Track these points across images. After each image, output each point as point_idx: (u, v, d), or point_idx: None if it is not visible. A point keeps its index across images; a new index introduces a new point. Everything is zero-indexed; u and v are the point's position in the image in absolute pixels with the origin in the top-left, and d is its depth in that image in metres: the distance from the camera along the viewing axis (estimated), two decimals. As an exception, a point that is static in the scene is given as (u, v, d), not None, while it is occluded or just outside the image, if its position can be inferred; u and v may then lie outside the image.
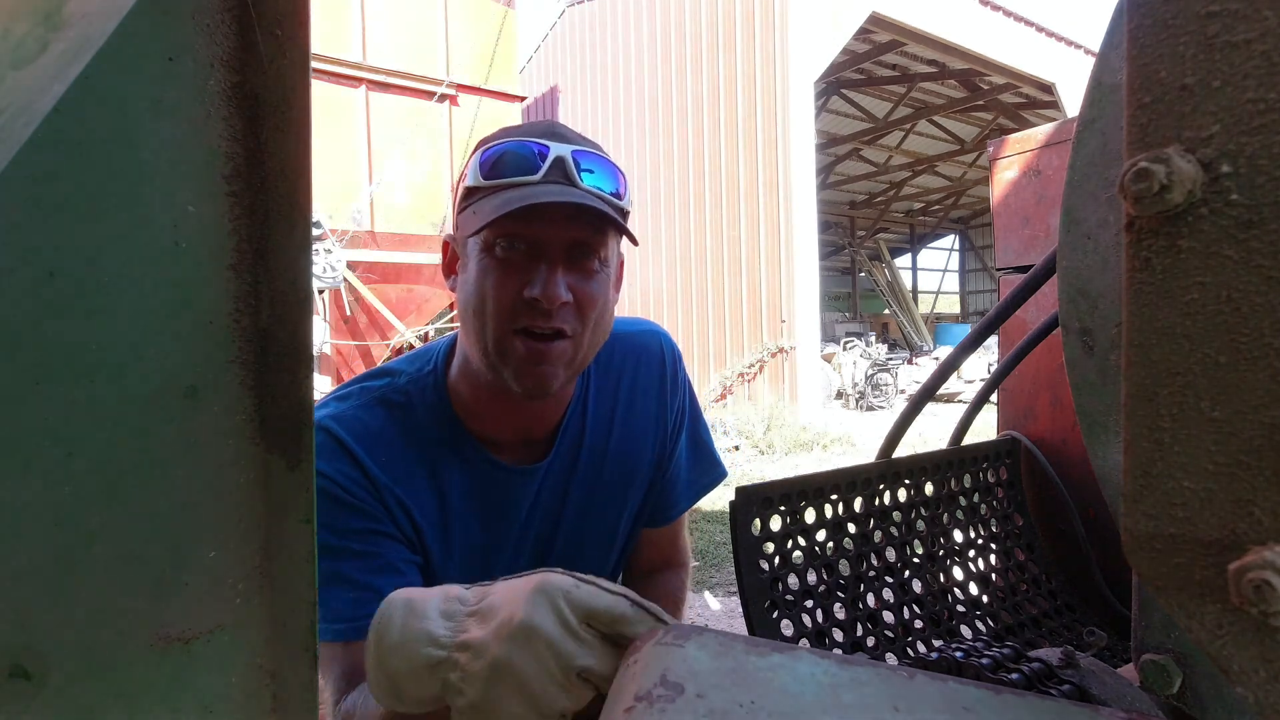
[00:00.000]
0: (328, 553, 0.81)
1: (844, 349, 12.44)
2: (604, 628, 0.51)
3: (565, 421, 0.96)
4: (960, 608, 1.33)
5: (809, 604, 1.15)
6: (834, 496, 1.23)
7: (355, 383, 0.92)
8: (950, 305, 29.22)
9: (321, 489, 0.82)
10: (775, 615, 1.11)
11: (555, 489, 0.97)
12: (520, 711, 0.50)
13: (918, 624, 1.24)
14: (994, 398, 1.59)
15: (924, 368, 13.14)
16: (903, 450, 1.34)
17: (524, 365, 0.81)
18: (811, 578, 1.18)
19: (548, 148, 0.79)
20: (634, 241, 0.84)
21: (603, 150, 0.86)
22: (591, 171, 0.81)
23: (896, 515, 1.32)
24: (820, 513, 1.23)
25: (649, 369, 1.04)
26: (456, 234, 0.86)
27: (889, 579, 1.26)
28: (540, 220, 0.78)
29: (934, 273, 29.13)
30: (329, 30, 5.98)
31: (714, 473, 1.14)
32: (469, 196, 0.81)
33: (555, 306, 0.78)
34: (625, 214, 0.85)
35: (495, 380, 0.84)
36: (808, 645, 1.11)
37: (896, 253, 25.89)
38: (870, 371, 11.24)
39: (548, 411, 0.94)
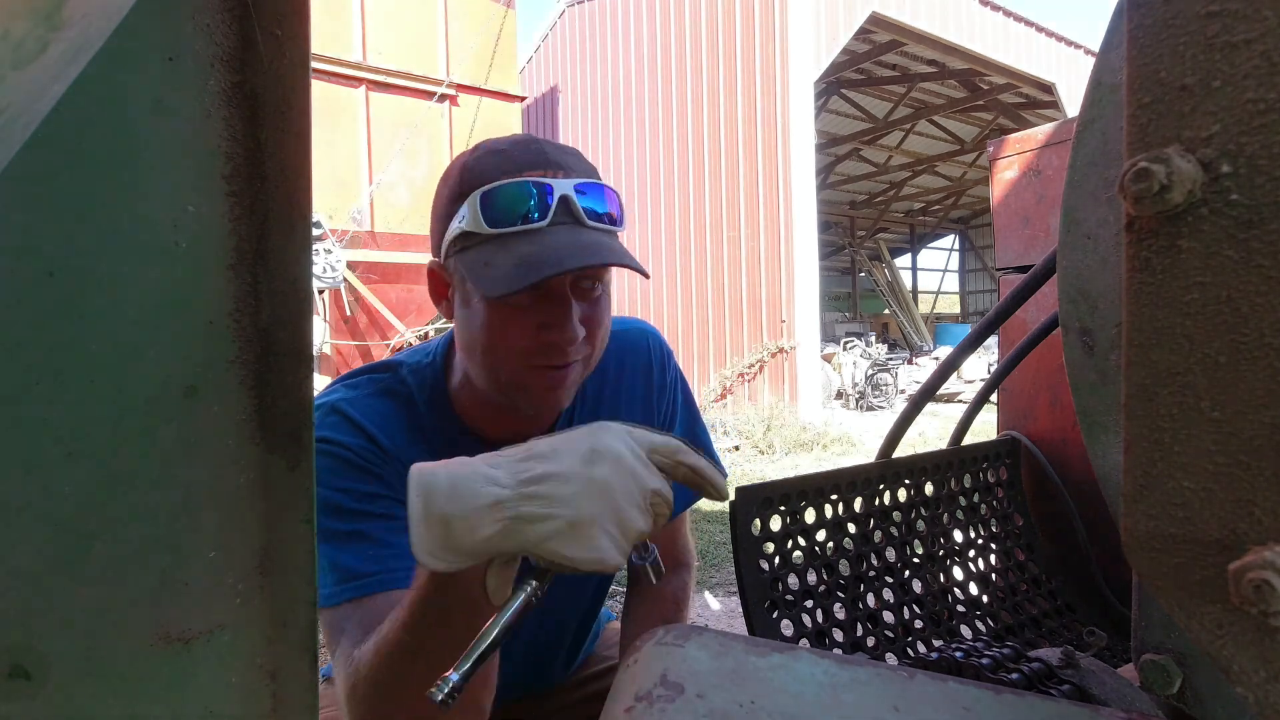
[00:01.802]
0: (344, 514, 0.80)
1: (844, 349, 12.44)
2: (665, 458, 0.60)
3: (558, 422, 0.97)
4: (960, 608, 1.33)
5: (809, 604, 1.15)
6: (834, 496, 1.23)
7: (361, 373, 0.93)
8: (950, 305, 29.21)
9: (336, 455, 0.82)
10: (775, 615, 1.11)
11: None
12: (612, 531, 0.55)
13: (918, 624, 1.24)
14: (994, 398, 1.59)
15: (924, 368, 13.13)
16: (903, 450, 1.34)
17: (541, 394, 0.82)
18: (811, 578, 1.18)
19: (550, 187, 0.77)
20: (645, 275, 0.83)
21: (585, 160, 0.85)
22: (589, 200, 0.79)
23: (896, 515, 1.32)
24: (820, 513, 1.23)
25: (634, 369, 1.04)
26: (448, 264, 0.83)
27: (889, 579, 1.26)
28: None
29: (934, 273, 29.12)
30: (329, 30, 5.98)
31: None
32: (468, 239, 0.78)
33: (573, 346, 0.79)
34: (620, 221, 0.85)
35: (505, 403, 0.85)
36: (808, 645, 1.11)
37: (896, 253, 25.87)
38: (870, 371, 11.23)
39: (545, 415, 0.96)
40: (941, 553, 1.36)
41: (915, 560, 1.32)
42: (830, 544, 1.23)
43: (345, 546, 0.80)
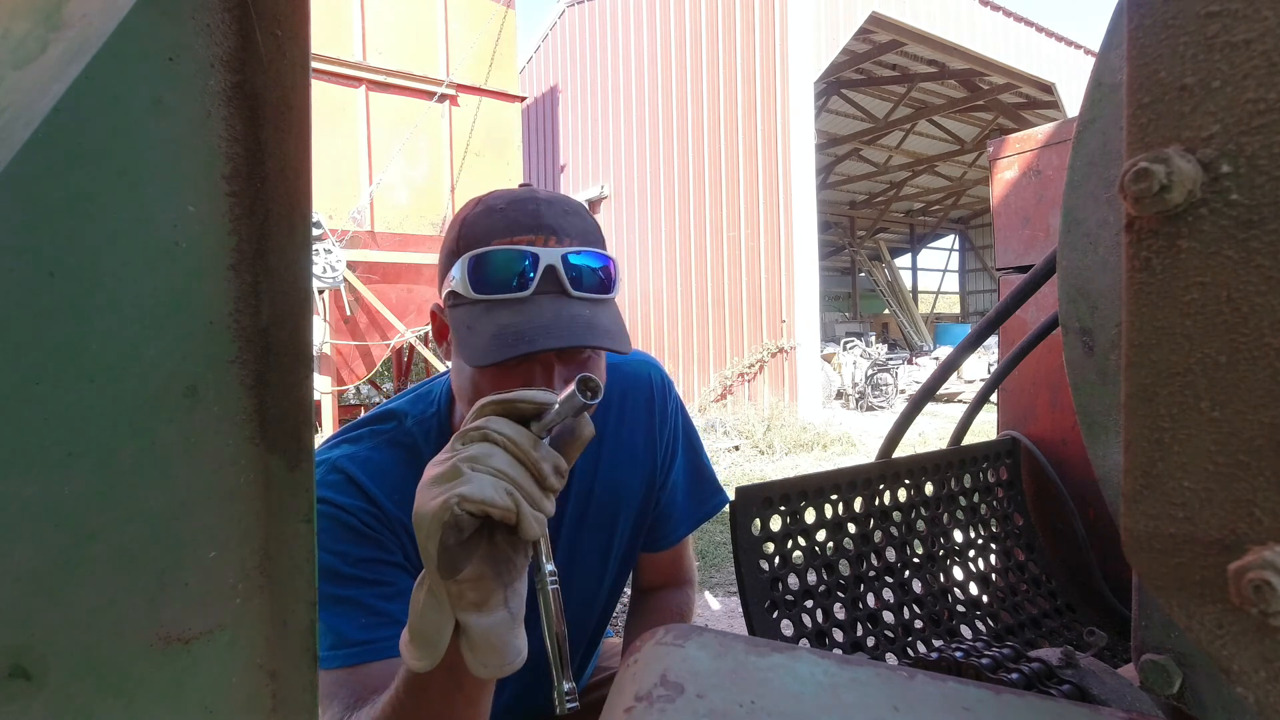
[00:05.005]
0: (338, 580, 0.83)
1: (844, 349, 12.44)
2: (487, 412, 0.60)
3: None
4: (960, 608, 1.33)
5: (809, 604, 1.15)
6: (834, 496, 1.23)
7: (363, 425, 0.94)
8: (950, 305, 29.21)
9: (335, 518, 0.84)
10: (775, 615, 1.11)
11: (550, 521, 0.99)
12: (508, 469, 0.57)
13: (918, 624, 1.24)
14: (994, 398, 1.59)
15: (924, 368, 13.13)
16: (903, 450, 1.34)
17: None
18: (811, 578, 1.18)
19: (536, 256, 0.77)
20: (621, 353, 0.80)
21: (585, 219, 0.84)
22: (579, 268, 0.79)
23: (896, 515, 1.32)
24: (820, 513, 1.23)
25: (636, 401, 1.05)
26: (445, 309, 0.84)
27: (889, 579, 1.26)
28: None
29: (934, 273, 29.12)
30: (329, 30, 5.98)
31: (714, 500, 1.16)
32: (458, 298, 0.80)
33: None
34: (613, 287, 0.83)
35: None
36: (808, 645, 1.11)
37: (896, 253, 25.88)
38: (870, 371, 11.23)
39: None
40: (941, 553, 1.36)
41: (915, 560, 1.32)
42: (830, 544, 1.23)
43: (338, 612, 0.82)
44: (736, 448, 7.37)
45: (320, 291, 5.72)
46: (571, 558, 1.01)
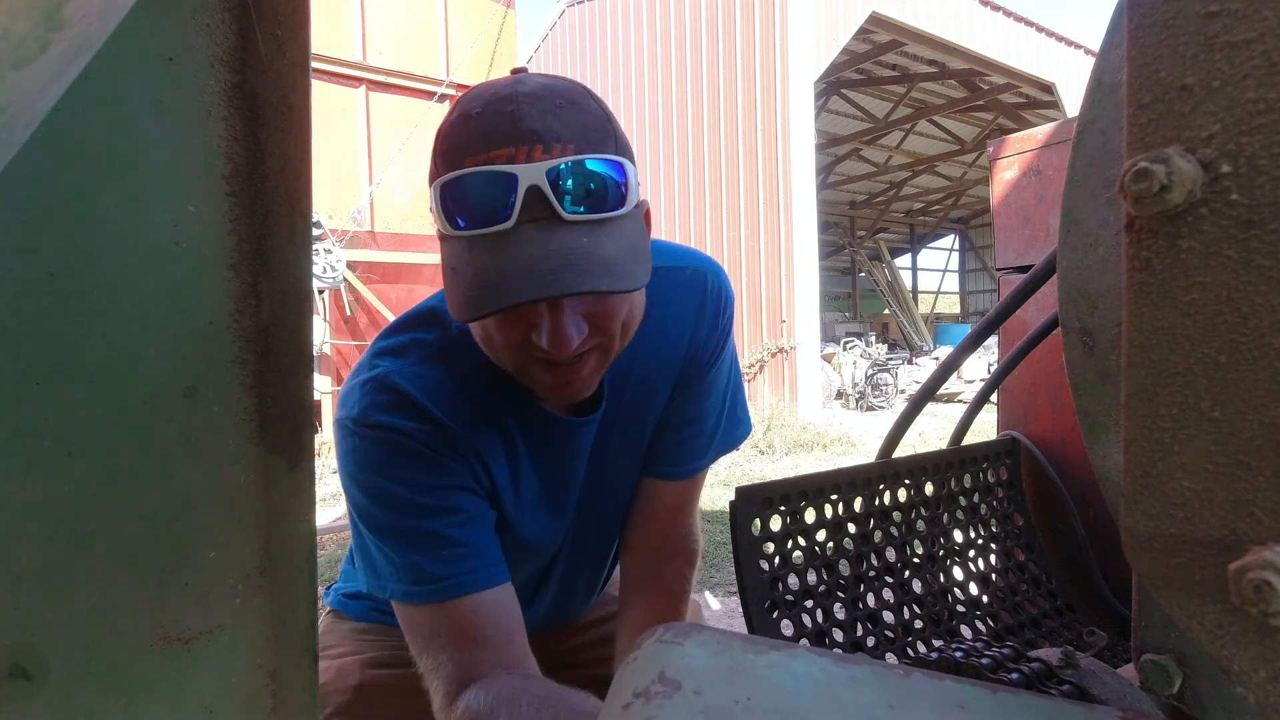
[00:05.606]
0: (409, 510, 0.77)
1: (844, 349, 12.44)
2: None
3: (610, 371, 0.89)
4: (960, 608, 1.33)
5: (809, 604, 1.15)
6: (834, 496, 1.23)
7: (404, 333, 0.84)
8: (950, 305, 29.22)
9: (397, 444, 0.76)
10: (775, 615, 1.11)
11: (583, 415, 0.90)
12: None
13: (918, 624, 1.24)
14: (994, 398, 1.59)
15: (924, 368, 13.13)
16: (903, 450, 1.34)
17: (551, 389, 0.75)
18: (811, 578, 1.18)
19: (515, 179, 0.63)
20: (630, 290, 0.66)
21: (589, 108, 0.68)
22: (575, 182, 0.64)
23: (896, 515, 1.32)
24: (820, 513, 1.23)
25: (685, 306, 0.92)
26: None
27: (889, 579, 1.26)
28: None
29: (934, 273, 29.12)
30: (329, 30, 5.99)
31: (737, 431, 1.05)
32: (441, 234, 0.70)
33: (568, 353, 0.69)
34: (627, 199, 0.69)
35: None
36: (807, 645, 1.11)
37: (896, 253, 25.88)
38: (870, 371, 11.23)
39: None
40: (941, 553, 1.36)
41: (915, 560, 1.32)
42: (830, 544, 1.23)
43: (415, 546, 0.77)
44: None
45: (320, 291, 5.72)
46: (604, 456, 0.93)
